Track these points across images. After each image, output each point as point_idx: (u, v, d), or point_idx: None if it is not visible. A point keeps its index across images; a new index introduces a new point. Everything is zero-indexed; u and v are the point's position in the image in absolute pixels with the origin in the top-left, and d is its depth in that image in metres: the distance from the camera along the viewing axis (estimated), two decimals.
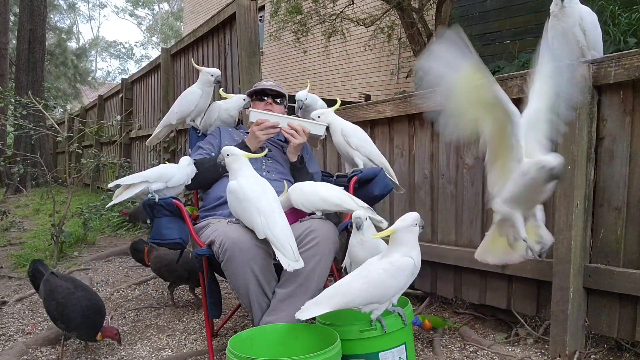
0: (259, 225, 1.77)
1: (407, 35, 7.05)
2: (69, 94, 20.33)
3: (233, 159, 1.90)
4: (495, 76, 2.30)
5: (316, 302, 1.64)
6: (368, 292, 1.61)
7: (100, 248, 4.52)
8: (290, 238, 1.79)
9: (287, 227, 1.81)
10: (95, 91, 19.04)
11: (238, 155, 1.90)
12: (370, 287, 1.61)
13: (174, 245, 2.03)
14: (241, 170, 1.88)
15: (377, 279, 1.61)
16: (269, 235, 1.77)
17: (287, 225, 1.82)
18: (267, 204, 1.80)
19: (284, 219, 1.83)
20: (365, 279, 1.62)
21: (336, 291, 1.65)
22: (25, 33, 10.34)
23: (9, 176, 7.84)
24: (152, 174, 2.03)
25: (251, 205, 1.79)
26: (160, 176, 2.03)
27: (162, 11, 42.35)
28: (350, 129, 2.26)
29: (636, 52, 1.83)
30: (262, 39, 11.77)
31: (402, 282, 1.63)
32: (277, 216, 1.80)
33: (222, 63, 3.89)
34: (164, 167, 2.09)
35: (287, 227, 1.81)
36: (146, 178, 2.01)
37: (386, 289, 1.62)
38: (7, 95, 4.24)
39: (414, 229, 1.65)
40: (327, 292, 1.67)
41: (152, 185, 2.00)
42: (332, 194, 1.94)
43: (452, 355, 2.12)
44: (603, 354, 2.01)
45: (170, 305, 2.89)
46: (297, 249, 1.80)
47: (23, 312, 2.84)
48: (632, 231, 1.90)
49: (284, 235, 1.77)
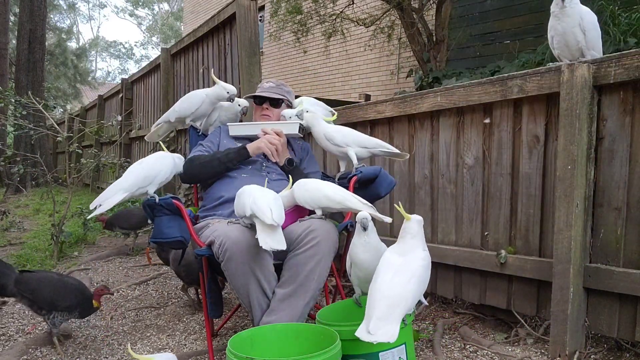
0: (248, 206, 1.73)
1: (407, 35, 7.05)
2: (69, 94, 20.33)
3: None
4: (495, 76, 2.31)
5: (382, 319, 1.47)
6: (419, 291, 1.58)
7: (100, 248, 4.52)
8: (273, 202, 1.74)
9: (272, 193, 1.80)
10: (95, 91, 19.05)
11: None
12: (421, 285, 1.59)
13: (175, 244, 2.03)
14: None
15: (423, 275, 1.61)
16: (253, 208, 1.71)
17: (272, 193, 1.81)
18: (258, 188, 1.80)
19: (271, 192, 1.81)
20: (415, 278, 1.56)
21: (393, 300, 1.50)
22: (25, 33, 10.34)
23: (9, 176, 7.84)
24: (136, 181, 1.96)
25: (244, 193, 1.79)
26: (145, 179, 1.99)
27: (162, 11, 42.36)
28: (331, 130, 2.24)
29: (636, 52, 1.83)
30: (262, 39, 11.77)
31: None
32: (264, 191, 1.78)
33: (222, 63, 3.89)
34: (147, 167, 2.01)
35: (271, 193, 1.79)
36: (128, 190, 1.94)
37: (426, 283, 1.64)
38: (7, 95, 4.24)
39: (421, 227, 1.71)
40: (383, 303, 1.49)
41: (149, 188, 2.00)
42: (336, 191, 1.94)
43: (452, 355, 2.12)
44: (603, 354, 2.01)
45: (190, 305, 2.85)
46: (291, 244, 1.82)
47: (23, 312, 2.84)
48: (632, 231, 1.90)
49: (264, 198, 1.73)
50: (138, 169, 2.01)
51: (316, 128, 2.27)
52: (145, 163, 2.02)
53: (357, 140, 2.24)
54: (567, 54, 2.16)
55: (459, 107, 2.46)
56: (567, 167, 1.93)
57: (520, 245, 2.25)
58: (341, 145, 2.21)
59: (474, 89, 2.35)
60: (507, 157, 2.29)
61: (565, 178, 1.94)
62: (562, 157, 1.95)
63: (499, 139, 2.32)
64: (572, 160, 1.92)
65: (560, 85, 1.98)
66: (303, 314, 1.84)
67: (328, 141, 2.23)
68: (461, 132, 2.48)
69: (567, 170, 1.93)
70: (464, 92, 2.39)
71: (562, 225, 1.96)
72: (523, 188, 2.23)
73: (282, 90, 2.46)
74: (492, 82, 2.28)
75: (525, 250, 2.23)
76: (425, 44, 6.84)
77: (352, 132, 2.28)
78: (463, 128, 2.47)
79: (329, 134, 2.24)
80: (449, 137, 2.54)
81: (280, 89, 2.45)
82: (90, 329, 2.55)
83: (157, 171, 2.02)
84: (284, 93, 2.45)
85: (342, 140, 2.21)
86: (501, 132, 2.31)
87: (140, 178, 1.98)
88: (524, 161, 2.22)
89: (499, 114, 2.32)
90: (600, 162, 1.98)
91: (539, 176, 2.17)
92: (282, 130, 2.28)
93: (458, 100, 2.42)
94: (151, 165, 2.03)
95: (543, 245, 2.18)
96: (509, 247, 2.28)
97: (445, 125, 2.55)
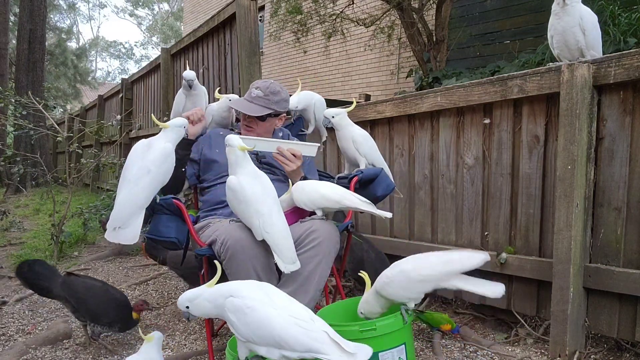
0: (257, 227, 1.77)
1: (407, 35, 7.04)
2: (69, 94, 20.34)
3: (229, 151, 1.80)
4: (495, 76, 2.31)
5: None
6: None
7: (100, 248, 4.52)
8: (288, 240, 1.78)
9: (286, 229, 1.80)
10: (95, 91, 19.07)
11: (233, 146, 1.79)
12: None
13: (168, 244, 2.01)
14: (241, 165, 1.80)
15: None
16: (267, 238, 1.76)
17: (285, 226, 1.80)
18: (266, 205, 1.78)
19: (283, 221, 1.81)
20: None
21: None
22: (25, 33, 10.35)
23: (9, 176, 7.84)
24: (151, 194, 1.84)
25: (250, 207, 1.77)
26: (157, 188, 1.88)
27: (162, 11, 42.35)
28: (360, 137, 2.22)
29: (636, 52, 1.83)
30: (262, 39, 11.77)
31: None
32: (275, 218, 1.77)
33: (222, 63, 3.89)
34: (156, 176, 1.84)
35: (285, 229, 1.79)
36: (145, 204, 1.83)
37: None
38: (7, 95, 4.24)
39: None
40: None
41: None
42: (333, 191, 1.94)
43: (452, 355, 2.12)
44: (603, 354, 2.01)
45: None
46: (295, 250, 1.80)
47: (23, 312, 2.84)
48: (632, 231, 1.90)
49: (282, 237, 1.76)
50: (149, 182, 1.83)
51: (344, 130, 2.24)
52: (154, 172, 1.84)
53: (373, 156, 2.25)
54: (567, 53, 2.16)
55: (459, 107, 2.46)
56: (567, 167, 1.93)
57: (520, 245, 2.25)
58: (360, 153, 2.22)
59: (474, 89, 2.35)
60: (507, 157, 2.29)
61: (565, 178, 1.94)
62: (562, 157, 1.95)
63: (499, 139, 2.32)
64: (572, 160, 1.92)
65: (560, 85, 1.98)
66: None
67: (353, 144, 2.22)
68: (461, 132, 2.48)
69: (567, 170, 1.93)
70: (464, 92, 2.39)
71: (562, 225, 1.96)
72: (523, 188, 2.23)
73: (269, 101, 2.18)
74: (492, 82, 2.28)
75: (525, 250, 2.23)
76: (425, 44, 6.84)
77: (375, 147, 2.28)
78: (463, 128, 2.47)
79: (356, 138, 2.22)
80: (449, 137, 2.54)
81: (268, 99, 2.18)
82: None
83: (166, 176, 1.90)
84: (270, 105, 2.18)
85: (365, 151, 2.22)
86: (501, 132, 2.31)
87: (153, 189, 1.86)
88: (524, 161, 2.22)
89: (499, 114, 2.32)
90: (600, 162, 1.98)
91: (539, 176, 2.17)
92: (301, 152, 2.13)
93: (458, 100, 2.42)
94: (162, 173, 1.88)
95: (543, 245, 2.18)
96: (509, 247, 2.28)
97: (445, 125, 2.55)
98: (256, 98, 2.19)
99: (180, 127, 1.94)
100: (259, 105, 2.18)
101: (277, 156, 2.09)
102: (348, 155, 2.28)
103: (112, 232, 1.79)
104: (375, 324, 1.66)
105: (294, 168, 2.09)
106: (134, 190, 1.80)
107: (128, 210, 1.79)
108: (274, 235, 1.76)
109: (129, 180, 1.82)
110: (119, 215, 1.78)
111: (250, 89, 2.24)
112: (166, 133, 1.90)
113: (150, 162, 1.84)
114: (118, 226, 1.78)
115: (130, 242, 1.79)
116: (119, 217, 1.78)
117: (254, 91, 2.21)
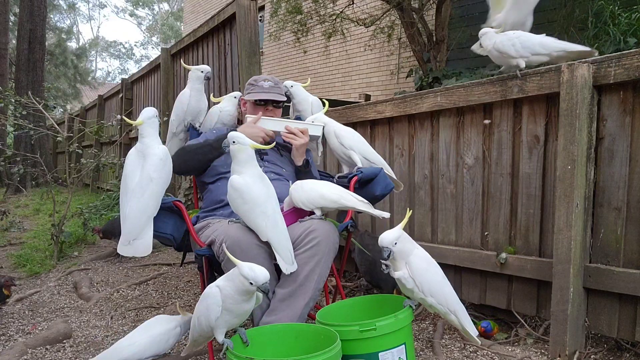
0: (263, 229, 1.78)
1: (407, 35, 7.04)
2: (69, 94, 20.34)
3: (239, 149, 1.77)
4: (495, 76, 2.31)
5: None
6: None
7: (100, 248, 4.51)
8: (289, 241, 1.82)
9: (285, 231, 1.83)
10: (95, 91, 19.05)
11: (245, 144, 1.77)
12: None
13: (164, 240, 2.03)
14: (247, 165, 1.78)
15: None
16: (271, 240, 1.78)
17: (285, 228, 1.84)
18: (271, 207, 1.80)
19: (283, 222, 1.84)
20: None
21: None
22: (25, 33, 10.35)
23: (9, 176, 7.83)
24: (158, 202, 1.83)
25: (257, 208, 1.77)
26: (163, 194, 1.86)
27: (162, 11, 42.36)
28: (342, 129, 2.30)
29: (636, 52, 1.83)
30: (262, 39, 11.77)
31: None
32: (278, 220, 1.81)
33: (222, 63, 3.89)
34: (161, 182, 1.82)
35: (285, 230, 1.83)
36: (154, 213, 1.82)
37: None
38: (7, 95, 4.24)
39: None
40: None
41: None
42: (332, 190, 1.95)
43: (452, 355, 2.12)
44: (603, 354, 2.01)
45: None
46: (293, 250, 1.84)
47: (23, 312, 2.84)
48: (632, 231, 1.90)
49: (285, 239, 1.80)
50: (154, 189, 1.81)
51: (328, 126, 2.31)
52: (157, 179, 1.82)
53: (362, 149, 2.28)
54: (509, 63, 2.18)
55: (459, 107, 2.46)
56: (567, 167, 1.93)
57: (520, 245, 2.25)
58: (346, 146, 2.25)
59: (474, 89, 2.35)
60: (507, 157, 2.29)
61: (565, 178, 1.94)
62: (562, 157, 1.95)
63: (499, 139, 2.32)
64: (572, 160, 1.92)
65: (560, 85, 1.98)
66: (303, 314, 1.84)
67: (336, 139, 2.26)
68: (461, 132, 2.48)
69: (567, 170, 1.93)
70: (464, 92, 2.39)
71: (562, 225, 1.96)
72: (523, 188, 2.23)
73: (280, 89, 2.40)
74: (492, 82, 2.28)
75: (525, 250, 2.23)
76: (425, 44, 6.84)
77: (362, 140, 2.32)
78: (463, 128, 2.47)
79: (338, 132, 2.27)
80: (449, 137, 2.54)
81: (279, 87, 2.40)
82: (90, 329, 2.55)
83: (168, 179, 1.89)
84: (282, 92, 2.41)
85: (349, 142, 2.26)
86: (501, 132, 2.31)
87: (159, 196, 1.85)
88: (524, 161, 2.22)
89: (499, 114, 2.32)
90: (600, 162, 1.98)
91: (539, 176, 2.18)
92: (308, 130, 2.25)
93: (458, 100, 2.42)
94: (164, 177, 1.86)
95: (543, 245, 2.18)
96: (509, 247, 2.28)
97: (445, 125, 2.55)
98: (271, 87, 2.34)
99: (153, 117, 1.92)
100: (278, 94, 2.35)
101: (286, 134, 2.21)
102: (338, 153, 2.31)
103: (125, 247, 1.77)
104: (375, 324, 1.66)
105: (302, 142, 2.21)
106: (141, 201, 1.79)
107: (140, 221, 1.78)
108: (278, 237, 1.78)
109: (133, 191, 1.80)
110: (133, 229, 1.76)
111: (258, 82, 2.35)
112: (146, 129, 1.87)
113: (151, 170, 1.82)
114: (133, 239, 1.76)
115: (144, 254, 1.78)
116: (133, 230, 1.76)
117: (264, 83, 2.34)
